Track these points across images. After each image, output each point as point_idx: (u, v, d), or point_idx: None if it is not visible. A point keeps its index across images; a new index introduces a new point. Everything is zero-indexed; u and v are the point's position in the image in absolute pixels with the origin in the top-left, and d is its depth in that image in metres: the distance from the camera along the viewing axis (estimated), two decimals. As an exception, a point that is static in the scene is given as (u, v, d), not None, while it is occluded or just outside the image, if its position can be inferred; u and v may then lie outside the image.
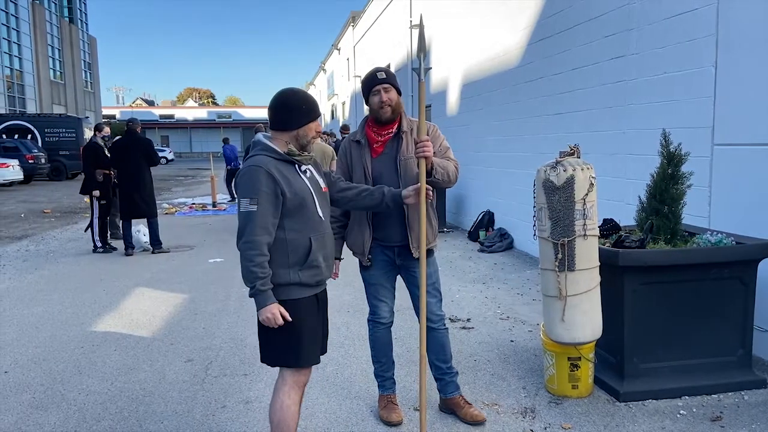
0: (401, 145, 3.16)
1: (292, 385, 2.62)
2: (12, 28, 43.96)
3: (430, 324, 3.28)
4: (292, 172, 2.57)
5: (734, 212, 4.29)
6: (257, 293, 2.45)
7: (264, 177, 2.45)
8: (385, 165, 3.17)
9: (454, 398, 3.38)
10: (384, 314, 3.35)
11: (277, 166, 2.53)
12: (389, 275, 3.33)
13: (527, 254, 7.92)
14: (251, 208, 2.43)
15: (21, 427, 3.34)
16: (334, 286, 2.94)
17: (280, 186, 2.48)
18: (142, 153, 8.43)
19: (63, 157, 25.84)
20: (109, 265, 7.91)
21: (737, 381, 3.62)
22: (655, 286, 3.52)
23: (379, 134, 3.19)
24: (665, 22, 4.99)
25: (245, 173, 2.49)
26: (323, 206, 2.66)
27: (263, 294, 2.45)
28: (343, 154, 3.31)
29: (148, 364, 4.27)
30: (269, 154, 2.55)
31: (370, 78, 3.15)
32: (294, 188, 2.52)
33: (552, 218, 3.25)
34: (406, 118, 3.22)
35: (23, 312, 5.64)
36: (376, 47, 19.43)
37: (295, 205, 2.52)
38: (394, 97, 3.11)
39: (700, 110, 4.61)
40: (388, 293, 3.35)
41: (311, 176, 2.67)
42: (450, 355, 3.38)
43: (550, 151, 4.67)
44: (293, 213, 2.52)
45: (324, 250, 2.63)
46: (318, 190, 2.66)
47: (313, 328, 2.64)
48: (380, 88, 3.09)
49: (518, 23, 8.01)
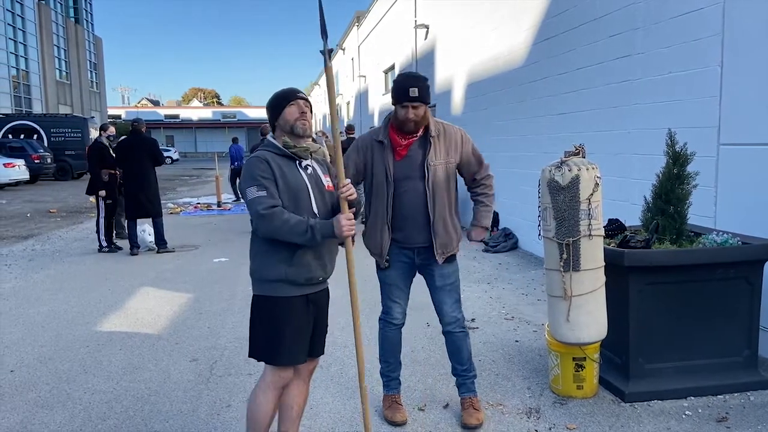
0: (429, 151, 3.12)
1: (269, 384, 2.64)
2: (18, 29, 44.13)
3: (447, 327, 3.31)
4: (291, 167, 2.60)
5: (740, 212, 4.27)
6: (316, 234, 2.45)
7: (262, 164, 2.55)
8: (409, 168, 3.14)
9: (462, 399, 3.38)
10: (396, 315, 3.35)
11: (276, 159, 2.58)
12: (405, 276, 3.31)
13: (532, 254, 7.91)
14: (259, 193, 2.49)
15: (27, 426, 3.35)
16: (337, 285, 2.93)
17: (276, 176, 2.53)
18: (147, 153, 8.45)
19: (69, 157, 25.90)
20: (115, 264, 7.94)
21: (743, 382, 3.60)
22: (660, 287, 3.51)
23: (403, 137, 3.15)
24: (670, 22, 4.97)
25: (246, 165, 2.61)
26: (321, 203, 2.63)
27: (321, 228, 2.46)
28: (360, 150, 3.23)
29: (153, 363, 4.28)
30: (269, 149, 2.63)
31: (403, 91, 3.05)
32: (288, 181, 2.55)
33: (557, 218, 3.24)
34: (433, 122, 3.16)
35: (29, 311, 5.66)
36: (381, 47, 19.43)
37: (287, 197, 2.53)
38: (420, 114, 3.06)
39: (705, 110, 4.60)
40: (403, 294, 3.34)
41: (312, 173, 2.67)
42: (467, 358, 3.36)
43: (554, 150, 4.66)
44: (286, 206, 2.52)
45: (317, 248, 2.59)
46: (318, 186, 2.65)
47: (298, 329, 2.61)
48: (409, 105, 3.04)
49: (523, 23, 8.00)
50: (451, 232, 3.19)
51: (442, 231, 3.15)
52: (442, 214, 3.16)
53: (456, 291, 3.29)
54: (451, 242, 3.19)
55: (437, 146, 3.14)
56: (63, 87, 51.68)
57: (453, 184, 3.24)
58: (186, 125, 74.82)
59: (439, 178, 3.13)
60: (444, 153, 3.16)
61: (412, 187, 3.12)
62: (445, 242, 3.17)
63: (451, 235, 3.19)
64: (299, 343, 2.63)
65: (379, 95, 19.80)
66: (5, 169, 20.57)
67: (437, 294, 3.28)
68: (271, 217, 2.46)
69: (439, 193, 3.14)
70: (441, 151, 3.15)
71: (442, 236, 3.15)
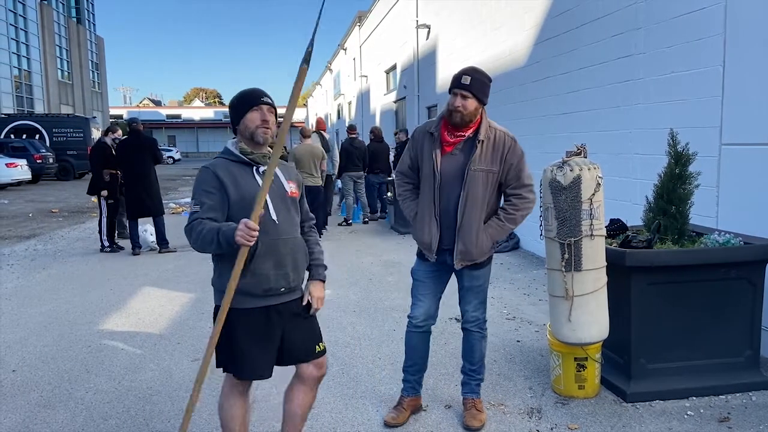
0: (474, 154, 3.03)
1: (230, 388, 2.60)
2: (20, 29, 44.23)
3: (465, 324, 3.29)
4: (246, 173, 2.49)
5: (742, 212, 4.27)
6: (221, 240, 2.30)
7: (209, 177, 2.45)
8: (450, 167, 3.07)
9: (464, 399, 3.38)
10: (416, 314, 3.25)
11: (229, 167, 2.48)
12: (433, 276, 3.23)
13: (533, 254, 7.91)
14: (194, 208, 2.44)
15: (29, 426, 3.36)
16: (341, 285, 2.92)
17: (225, 187, 2.43)
18: (148, 152, 8.47)
19: (71, 156, 25.93)
20: (117, 264, 7.95)
21: (745, 382, 3.60)
22: (662, 287, 3.50)
23: (451, 133, 3.09)
24: (673, 21, 4.97)
25: (197, 175, 2.52)
26: (283, 210, 2.51)
27: (225, 233, 2.29)
28: (415, 142, 3.21)
29: (155, 363, 4.29)
30: (225, 156, 2.54)
31: (457, 77, 3.02)
32: (241, 190, 2.44)
33: (558, 218, 3.24)
34: (486, 126, 3.06)
35: (31, 311, 5.67)
36: (383, 47, 19.42)
37: (240, 207, 2.42)
38: (468, 106, 2.99)
39: (707, 110, 4.59)
40: (428, 294, 3.23)
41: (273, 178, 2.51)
42: (478, 359, 3.33)
43: (556, 150, 4.65)
44: (239, 214, 2.41)
45: (275, 257, 2.47)
46: (277, 193, 2.51)
47: (258, 342, 2.49)
48: (459, 92, 2.99)
49: (525, 22, 8.00)
50: (475, 242, 3.06)
51: (466, 239, 3.05)
52: (471, 222, 3.04)
53: (483, 293, 3.25)
54: (471, 252, 3.07)
55: (483, 151, 3.04)
56: (65, 87, 51.78)
57: (491, 194, 3.10)
58: (188, 125, 74.86)
59: (477, 184, 3.02)
60: (488, 160, 3.05)
61: (450, 188, 3.05)
62: (466, 251, 3.07)
63: (478, 246, 3.06)
64: (261, 355, 2.51)
65: (381, 95, 19.80)
66: (7, 169, 20.60)
67: (464, 293, 3.25)
68: (190, 232, 2.41)
69: (472, 200, 3.03)
70: (486, 158, 3.04)
71: (465, 244, 3.05)
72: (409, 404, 3.36)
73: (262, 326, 2.51)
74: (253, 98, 2.51)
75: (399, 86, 16.87)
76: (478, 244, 3.07)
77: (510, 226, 3.13)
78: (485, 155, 3.05)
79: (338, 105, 33.04)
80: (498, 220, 3.13)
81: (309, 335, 2.66)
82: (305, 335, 2.64)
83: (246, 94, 2.54)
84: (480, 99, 3.02)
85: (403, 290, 6.21)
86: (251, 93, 2.54)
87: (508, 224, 3.12)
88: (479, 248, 3.09)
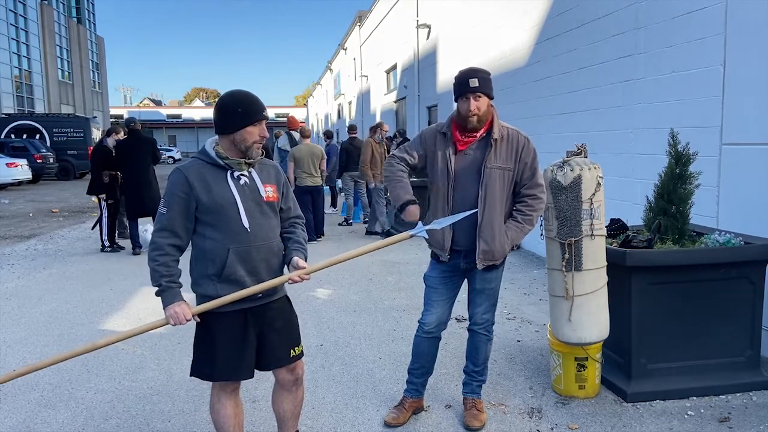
0: (489, 153, 2.98)
1: (220, 389, 2.63)
2: (20, 29, 44.24)
3: (473, 326, 3.26)
4: (219, 177, 2.45)
5: (742, 212, 4.27)
6: (161, 291, 2.45)
7: (179, 181, 2.44)
8: (465, 165, 3.04)
9: (465, 399, 3.38)
10: (428, 320, 3.21)
11: (202, 170, 2.44)
12: (447, 282, 3.19)
13: (534, 254, 7.90)
14: (161, 210, 2.46)
15: (29, 426, 3.36)
16: (341, 285, 2.92)
17: (195, 192, 2.40)
18: (147, 152, 8.47)
19: (71, 156, 25.94)
20: (117, 264, 7.95)
21: (745, 382, 3.59)
22: (662, 287, 3.50)
23: (463, 134, 3.05)
24: (673, 21, 4.97)
25: (169, 175, 2.52)
26: (258, 215, 2.48)
27: (167, 292, 2.44)
28: (423, 141, 3.15)
29: (156, 362, 4.29)
30: (200, 157, 2.51)
31: (463, 82, 2.98)
32: (213, 195, 2.41)
33: (559, 218, 3.24)
34: (497, 124, 3.03)
35: (32, 311, 5.67)
36: (383, 47, 19.43)
37: (211, 212, 2.41)
38: (483, 106, 2.96)
39: (708, 109, 4.59)
40: (441, 299, 3.19)
41: (247, 183, 2.48)
42: (482, 361, 3.32)
43: (557, 150, 4.65)
44: (210, 220, 2.42)
45: (248, 264, 2.46)
46: (252, 198, 2.47)
47: (233, 345, 2.51)
48: (470, 96, 2.94)
49: (525, 22, 8.00)
50: (497, 241, 3.02)
51: (488, 237, 3.00)
52: (491, 220, 3.00)
53: (494, 296, 3.22)
54: (494, 252, 3.02)
55: (498, 150, 2.99)
56: (65, 87, 51.79)
57: (509, 193, 3.07)
58: (188, 125, 74.80)
59: (495, 182, 2.98)
60: (504, 158, 3.00)
61: (465, 187, 3.02)
62: (488, 249, 3.01)
63: (499, 244, 3.02)
64: (235, 359, 2.52)
65: (381, 95, 19.80)
66: (8, 169, 20.60)
67: (474, 295, 3.21)
68: (151, 247, 2.47)
69: (491, 198, 2.99)
70: (501, 155, 2.99)
71: (488, 242, 3.01)
72: (411, 405, 3.36)
73: (237, 329, 2.53)
74: (256, 112, 2.46)
75: (399, 86, 16.87)
76: (499, 242, 3.03)
77: (528, 227, 3.07)
78: (500, 153, 3.01)
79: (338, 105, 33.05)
80: (516, 222, 3.06)
81: (285, 339, 2.65)
82: (281, 339, 2.64)
83: (248, 106, 2.45)
84: (489, 95, 3.01)
85: (403, 290, 6.22)
86: (253, 105, 2.47)
87: (526, 225, 3.07)
88: (501, 247, 3.05)
